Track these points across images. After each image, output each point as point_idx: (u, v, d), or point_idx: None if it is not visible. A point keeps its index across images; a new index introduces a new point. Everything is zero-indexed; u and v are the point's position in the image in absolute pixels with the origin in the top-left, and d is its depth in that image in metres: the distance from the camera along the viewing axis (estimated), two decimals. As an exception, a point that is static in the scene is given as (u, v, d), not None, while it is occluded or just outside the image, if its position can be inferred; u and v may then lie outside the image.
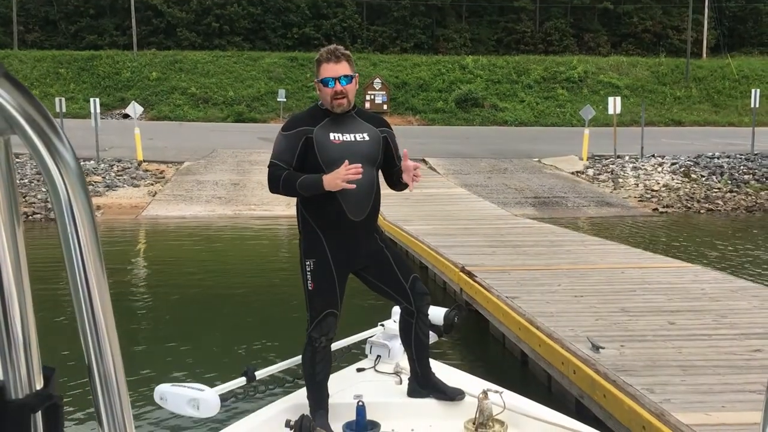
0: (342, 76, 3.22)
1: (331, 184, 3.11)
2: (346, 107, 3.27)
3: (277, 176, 3.21)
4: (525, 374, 5.89)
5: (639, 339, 4.90)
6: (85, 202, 0.63)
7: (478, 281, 6.82)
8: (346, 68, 3.25)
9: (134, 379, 5.56)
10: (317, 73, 3.28)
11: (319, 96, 3.32)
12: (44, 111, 0.62)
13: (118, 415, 0.67)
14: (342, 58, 3.24)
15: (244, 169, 19.04)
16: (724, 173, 18.25)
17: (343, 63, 3.24)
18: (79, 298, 0.64)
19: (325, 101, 3.27)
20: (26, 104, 0.61)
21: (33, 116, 0.61)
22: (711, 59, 42.52)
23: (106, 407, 0.67)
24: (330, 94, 3.23)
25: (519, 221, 11.41)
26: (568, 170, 19.67)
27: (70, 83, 36.56)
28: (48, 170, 0.62)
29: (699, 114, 36.09)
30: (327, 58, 3.24)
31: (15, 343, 0.62)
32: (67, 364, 4.85)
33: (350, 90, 3.26)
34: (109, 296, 0.66)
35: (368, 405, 3.23)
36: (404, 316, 3.48)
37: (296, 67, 39.25)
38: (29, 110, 0.61)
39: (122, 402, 0.68)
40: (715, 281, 6.83)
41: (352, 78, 3.26)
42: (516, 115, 35.61)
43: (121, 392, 0.68)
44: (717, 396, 3.87)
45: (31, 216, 14.27)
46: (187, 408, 3.03)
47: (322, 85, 3.25)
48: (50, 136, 0.62)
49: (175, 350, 6.69)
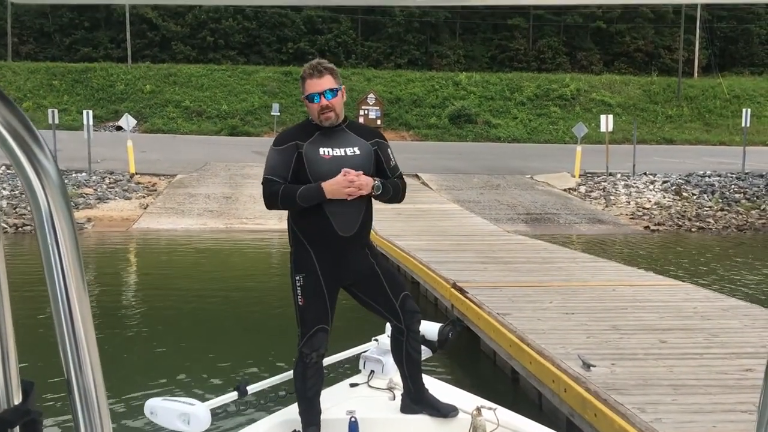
0: (327, 90, 3.21)
1: (335, 192, 3.11)
2: (335, 121, 3.26)
3: (274, 191, 3.18)
4: (516, 391, 5.86)
5: (630, 357, 4.89)
6: (67, 215, 0.62)
7: (470, 297, 6.81)
8: (330, 82, 3.23)
9: (124, 394, 5.50)
10: (303, 89, 3.28)
11: (308, 112, 3.32)
12: (26, 121, 0.61)
13: (97, 429, 0.66)
14: (325, 72, 3.23)
15: (236, 183, 19.01)
16: (715, 192, 18.35)
17: (326, 77, 3.22)
18: (58, 310, 0.63)
19: (314, 116, 3.27)
20: (8, 114, 0.60)
21: (14, 126, 0.60)
22: (702, 78, 42.94)
23: (85, 422, 0.66)
24: (316, 109, 3.22)
25: (511, 237, 11.42)
26: (561, 187, 19.74)
27: (64, 95, 36.53)
28: (29, 181, 0.61)
29: (690, 132, 36.38)
30: (310, 74, 3.23)
31: (-8, 357, 0.61)
32: (48, 378, 4.79)
33: (336, 103, 3.24)
34: (89, 309, 0.65)
35: (361, 421, 3.20)
36: (395, 334, 3.45)
37: (290, 82, 39.34)
38: (11, 120, 0.60)
39: (102, 417, 0.66)
40: (706, 300, 6.83)
41: (337, 91, 3.25)
42: (509, 132, 35.78)
43: (101, 407, 0.66)
44: (708, 416, 3.85)
45: (21, 228, 14.18)
46: (178, 423, 3.00)
47: (308, 101, 3.24)
48: (32, 146, 0.61)
49: (166, 364, 6.63)
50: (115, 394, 5.45)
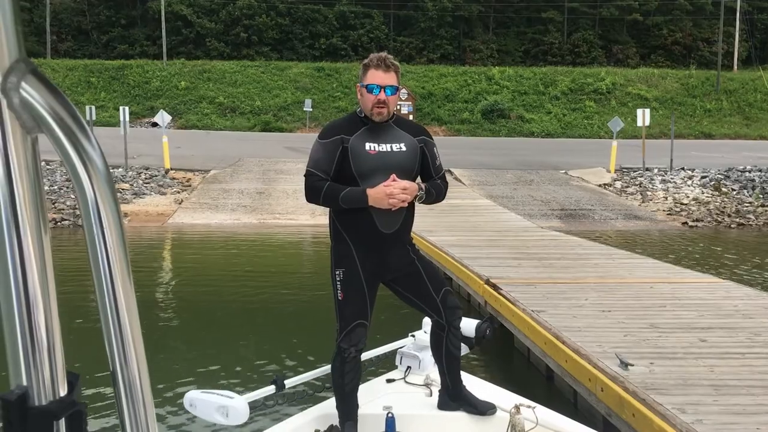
0: (388, 85, 3.18)
1: (377, 201, 3.11)
2: (385, 117, 3.23)
3: (317, 188, 3.17)
4: (550, 390, 5.80)
5: (669, 356, 4.79)
6: (113, 205, 0.62)
7: (503, 294, 6.74)
8: (393, 79, 3.21)
9: (163, 385, 5.58)
10: (362, 77, 3.23)
11: (359, 100, 3.28)
12: (73, 110, 0.60)
13: (142, 422, 0.66)
14: (391, 68, 3.21)
15: (269, 178, 19.16)
16: (755, 187, 17.91)
17: (391, 73, 3.20)
18: (104, 301, 0.63)
19: (365, 107, 3.23)
20: (55, 103, 0.59)
21: (62, 115, 0.59)
22: (742, 71, 41.97)
23: (130, 415, 0.65)
24: (372, 101, 3.18)
25: (545, 233, 11.29)
26: (596, 182, 19.47)
27: (101, 92, 37.23)
28: (75, 171, 0.60)
29: (730, 127, 35.58)
30: (377, 65, 3.19)
31: (39, 349, 0.61)
32: (92, 370, 4.87)
33: (392, 101, 3.23)
34: (135, 300, 0.64)
35: (398, 417, 3.19)
36: (435, 330, 3.44)
37: (323, 77, 39.52)
38: (58, 109, 0.59)
39: (147, 409, 0.66)
40: (747, 298, 6.66)
41: (396, 89, 3.24)
42: (543, 127, 35.42)
43: (145, 399, 0.66)
44: (751, 417, 3.75)
45: (59, 222, 14.48)
46: (216, 415, 3.03)
47: (366, 91, 3.20)
48: (78, 136, 0.60)
49: (203, 357, 6.70)
50: (154, 386, 5.52)
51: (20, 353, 0.60)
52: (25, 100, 0.58)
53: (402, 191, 3.12)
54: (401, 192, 3.11)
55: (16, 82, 0.58)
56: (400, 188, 3.11)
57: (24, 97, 0.58)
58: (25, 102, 0.58)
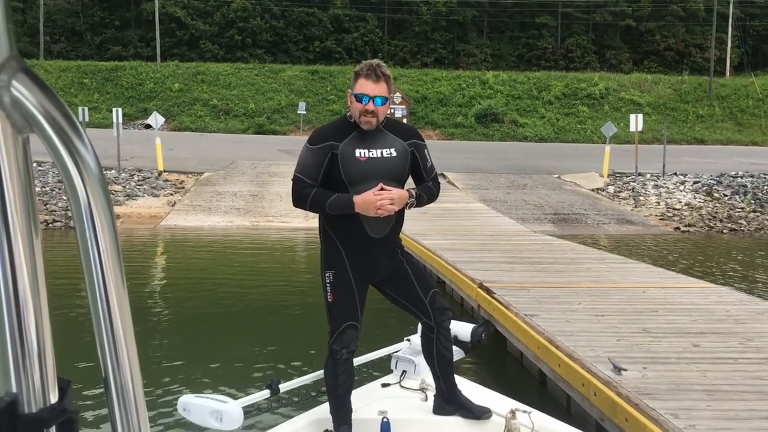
0: (377, 96, 3.16)
1: (364, 209, 3.10)
2: (374, 126, 3.21)
3: (305, 195, 3.17)
4: (543, 394, 5.79)
5: (662, 361, 4.79)
6: (106, 206, 0.60)
7: (497, 298, 6.74)
8: (383, 89, 3.19)
9: (156, 390, 5.53)
10: (353, 85, 3.22)
11: (349, 107, 3.27)
12: (66, 110, 0.59)
13: (134, 428, 0.64)
14: (382, 78, 3.18)
15: (263, 181, 19.12)
16: (747, 193, 18.00)
17: (381, 84, 3.18)
18: (96, 305, 0.61)
19: (354, 115, 3.22)
20: (47, 102, 0.58)
21: (54, 115, 0.58)
22: (734, 78, 42.20)
23: (122, 420, 0.64)
24: (360, 110, 3.17)
25: (538, 237, 11.30)
26: (589, 187, 19.52)
27: (94, 93, 37.11)
28: (67, 172, 0.59)
29: (722, 132, 35.76)
30: (367, 74, 3.17)
31: (29, 354, 0.59)
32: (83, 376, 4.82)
33: (381, 111, 3.21)
34: (128, 304, 0.63)
35: (393, 421, 3.18)
36: (424, 332, 3.44)
37: (317, 80, 39.51)
38: (50, 108, 0.58)
39: (139, 415, 0.64)
40: (740, 303, 6.68)
41: (386, 100, 3.22)
42: (536, 131, 35.51)
43: (138, 404, 0.64)
44: (744, 423, 3.75)
45: (51, 224, 14.40)
46: (210, 420, 3.01)
47: (355, 99, 3.19)
48: (71, 136, 0.59)
49: (197, 361, 6.66)
50: (147, 391, 5.48)
51: (10, 359, 0.58)
52: (15, 98, 0.57)
53: (390, 202, 3.12)
54: (390, 203, 3.12)
55: (7, 80, 0.56)
56: (389, 199, 3.11)
57: (15, 96, 0.57)
58: (16, 101, 0.57)
